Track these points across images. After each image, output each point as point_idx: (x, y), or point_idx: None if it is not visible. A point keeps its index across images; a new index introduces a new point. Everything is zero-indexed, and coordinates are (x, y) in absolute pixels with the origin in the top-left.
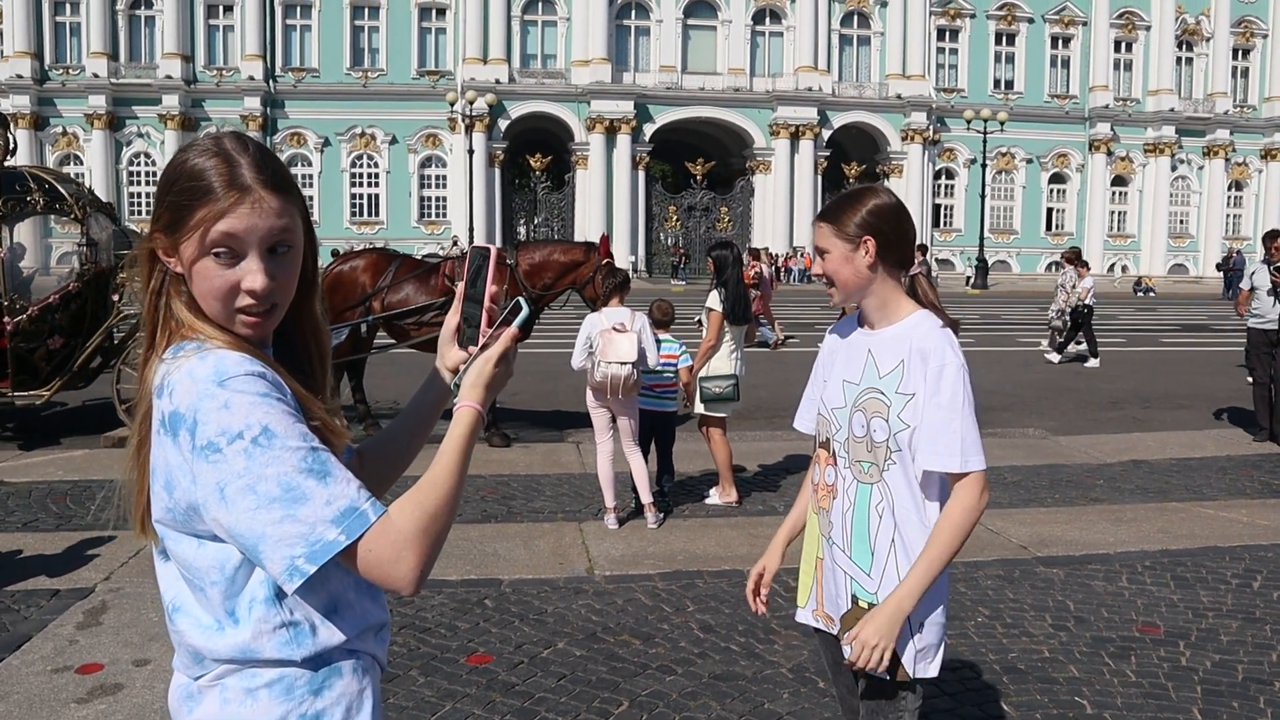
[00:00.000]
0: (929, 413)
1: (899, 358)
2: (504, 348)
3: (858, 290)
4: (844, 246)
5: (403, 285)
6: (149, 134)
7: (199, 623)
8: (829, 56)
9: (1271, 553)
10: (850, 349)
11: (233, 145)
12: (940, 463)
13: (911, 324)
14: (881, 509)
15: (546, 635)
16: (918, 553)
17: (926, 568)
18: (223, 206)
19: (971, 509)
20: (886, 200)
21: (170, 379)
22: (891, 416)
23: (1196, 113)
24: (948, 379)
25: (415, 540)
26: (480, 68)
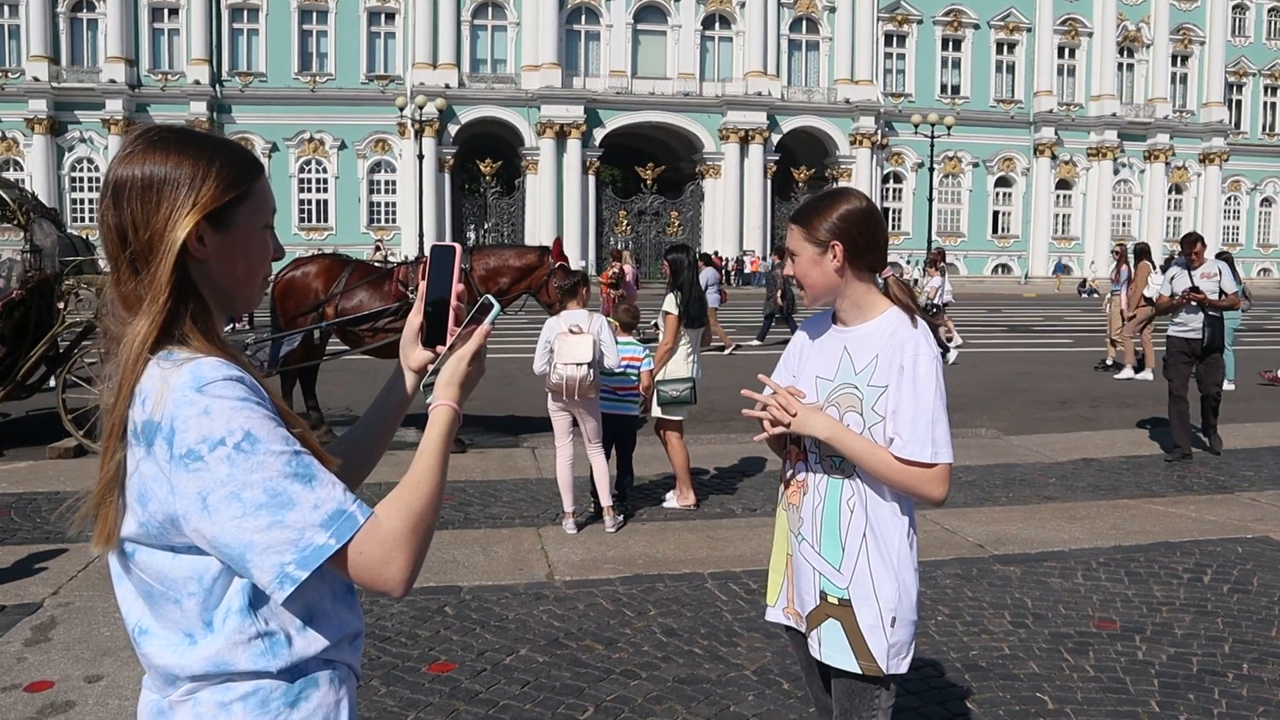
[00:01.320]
0: (903, 402)
1: (874, 352)
2: (477, 345)
3: (826, 292)
4: (812, 250)
5: (356, 291)
6: (92, 139)
7: (168, 641)
8: (778, 61)
9: (1220, 547)
10: (823, 345)
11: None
12: (911, 451)
13: (887, 319)
14: (853, 503)
15: (508, 642)
16: (890, 547)
17: (864, 448)
18: (265, 180)
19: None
20: (857, 205)
21: (144, 386)
22: (865, 410)
23: (1137, 117)
24: (922, 370)
25: (404, 540)
26: (430, 72)
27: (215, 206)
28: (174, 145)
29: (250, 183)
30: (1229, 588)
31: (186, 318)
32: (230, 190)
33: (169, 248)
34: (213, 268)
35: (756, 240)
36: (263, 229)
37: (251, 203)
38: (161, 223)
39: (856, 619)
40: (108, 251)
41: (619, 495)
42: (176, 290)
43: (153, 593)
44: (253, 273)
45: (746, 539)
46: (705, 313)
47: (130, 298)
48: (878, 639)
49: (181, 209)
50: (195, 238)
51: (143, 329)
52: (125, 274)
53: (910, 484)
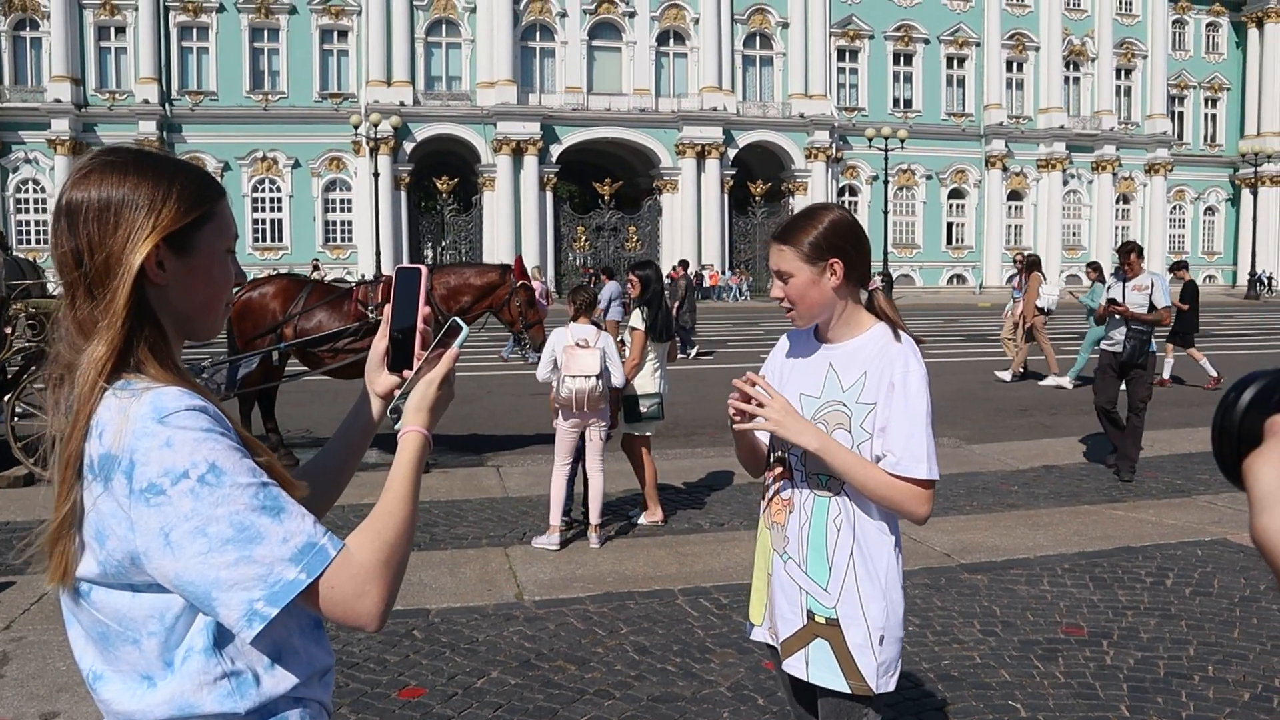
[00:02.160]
0: (894, 419)
1: (862, 369)
2: (446, 369)
3: (822, 312)
4: (810, 270)
5: (315, 312)
6: (37, 159)
7: (126, 686)
8: (733, 77)
9: (1180, 550)
10: (807, 362)
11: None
12: (905, 468)
13: (874, 335)
14: (840, 522)
15: (479, 665)
16: (878, 566)
17: (853, 462)
18: (227, 202)
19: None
20: (844, 217)
21: (100, 418)
22: (854, 427)
23: (1085, 129)
24: (913, 386)
25: (378, 573)
26: (384, 90)
27: (175, 229)
28: (131, 166)
29: (211, 205)
30: (1191, 590)
31: (143, 345)
32: (191, 212)
33: (126, 271)
34: (172, 293)
35: (715, 254)
36: (224, 253)
37: (213, 226)
38: (119, 245)
39: (845, 638)
40: (62, 276)
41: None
42: (134, 316)
43: (108, 634)
44: (214, 299)
45: (716, 554)
46: (672, 327)
47: (86, 323)
48: (867, 658)
49: (140, 232)
50: (154, 262)
51: (100, 355)
52: (81, 299)
53: (899, 500)
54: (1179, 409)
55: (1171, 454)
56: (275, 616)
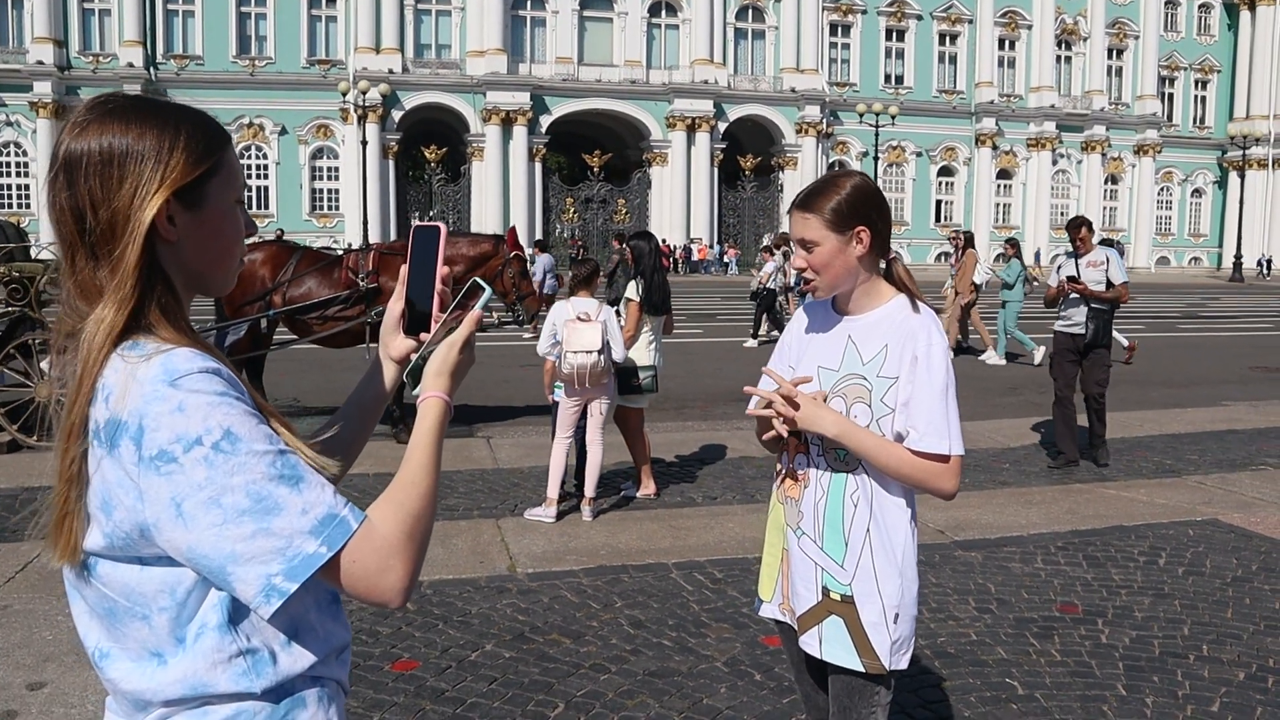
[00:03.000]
0: (919, 394)
1: (882, 342)
2: (468, 332)
3: (846, 282)
4: (837, 239)
5: (304, 279)
6: (19, 122)
7: (135, 664)
8: (724, 50)
9: (1172, 530)
10: (825, 335)
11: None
12: (929, 444)
13: (894, 307)
14: (857, 498)
15: (473, 637)
16: (894, 543)
17: (875, 444)
18: (234, 150)
19: (936, 478)
20: (869, 183)
21: (107, 381)
22: (874, 401)
23: (1075, 109)
24: (936, 360)
25: (402, 546)
26: (373, 57)
27: (185, 182)
28: (133, 114)
29: (220, 154)
30: (1184, 570)
31: (154, 305)
32: (200, 163)
33: (136, 229)
34: (184, 249)
35: (704, 228)
36: (234, 205)
37: (222, 176)
38: (125, 201)
39: (859, 616)
40: (60, 236)
41: (577, 485)
42: (144, 276)
43: (116, 609)
44: (227, 253)
45: (709, 528)
46: (668, 300)
47: (89, 287)
48: (881, 636)
49: (148, 185)
50: (165, 218)
51: (108, 317)
52: (83, 261)
53: (924, 479)
54: (1168, 389)
55: (1161, 434)
56: (294, 592)
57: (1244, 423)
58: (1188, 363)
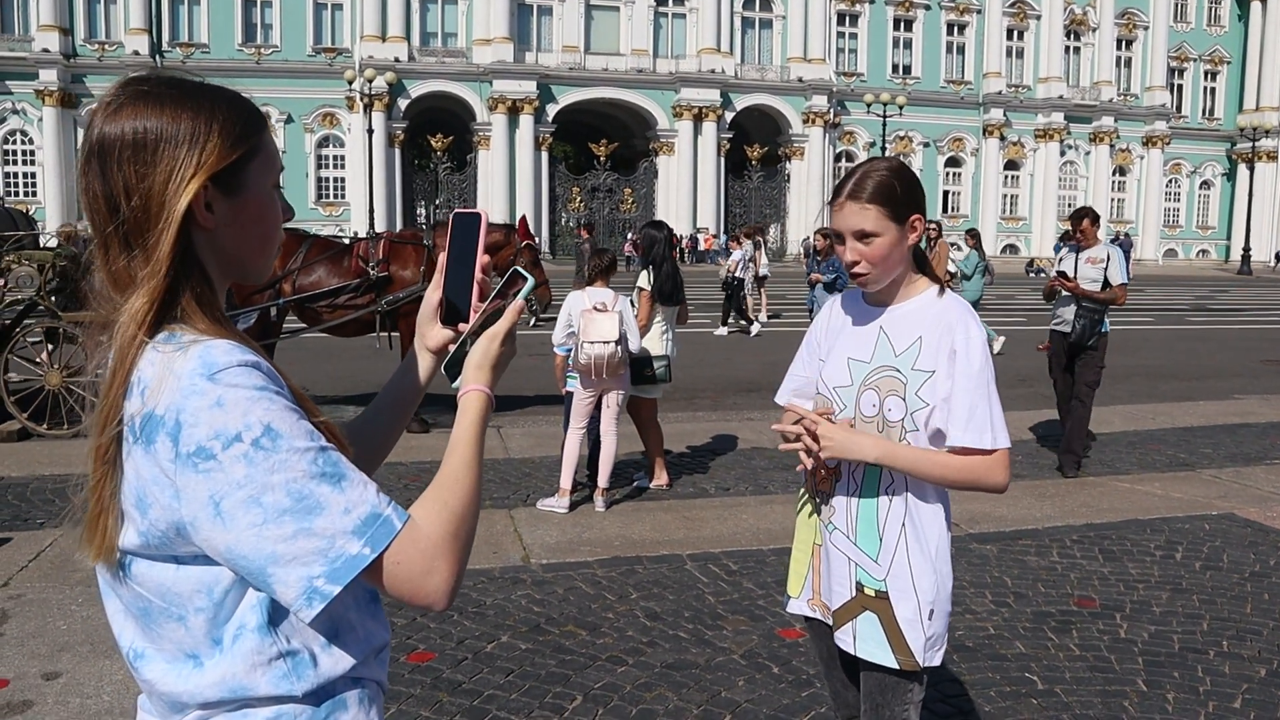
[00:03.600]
0: (958, 389)
1: (916, 333)
2: (511, 322)
3: (895, 272)
4: (896, 229)
5: (314, 267)
6: (25, 110)
7: (171, 666)
8: (731, 39)
9: (1188, 524)
10: (856, 327)
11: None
12: (972, 439)
13: (928, 298)
14: (892, 491)
15: (488, 629)
16: (929, 538)
17: (918, 457)
18: (271, 133)
19: (985, 474)
20: (908, 171)
21: (142, 374)
22: (909, 394)
23: (1084, 100)
24: (975, 353)
25: (446, 546)
26: (379, 45)
27: (223, 166)
28: (168, 96)
29: (258, 136)
30: (1201, 564)
31: (188, 295)
32: (238, 146)
33: (171, 217)
34: (222, 236)
35: (710, 218)
36: (272, 189)
37: (261, 159)
38: (160, 187)
39: (894, 612)
40: (94, 224)
41: (589, 475)
42: (179, 264)
43: (151, 609)
44: (267, 239)
45: (723, 519)
46: (680, 290)
47: (121, 277)
48: (915, 633)
49: (185, 170)
50: (203, 204)
51: (140, 308)
52: (115, 250)
53: (973, 479)
54: (1179, 383)
55: (1174, 427)
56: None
57: (1257, 416)
58: (1198, 356)
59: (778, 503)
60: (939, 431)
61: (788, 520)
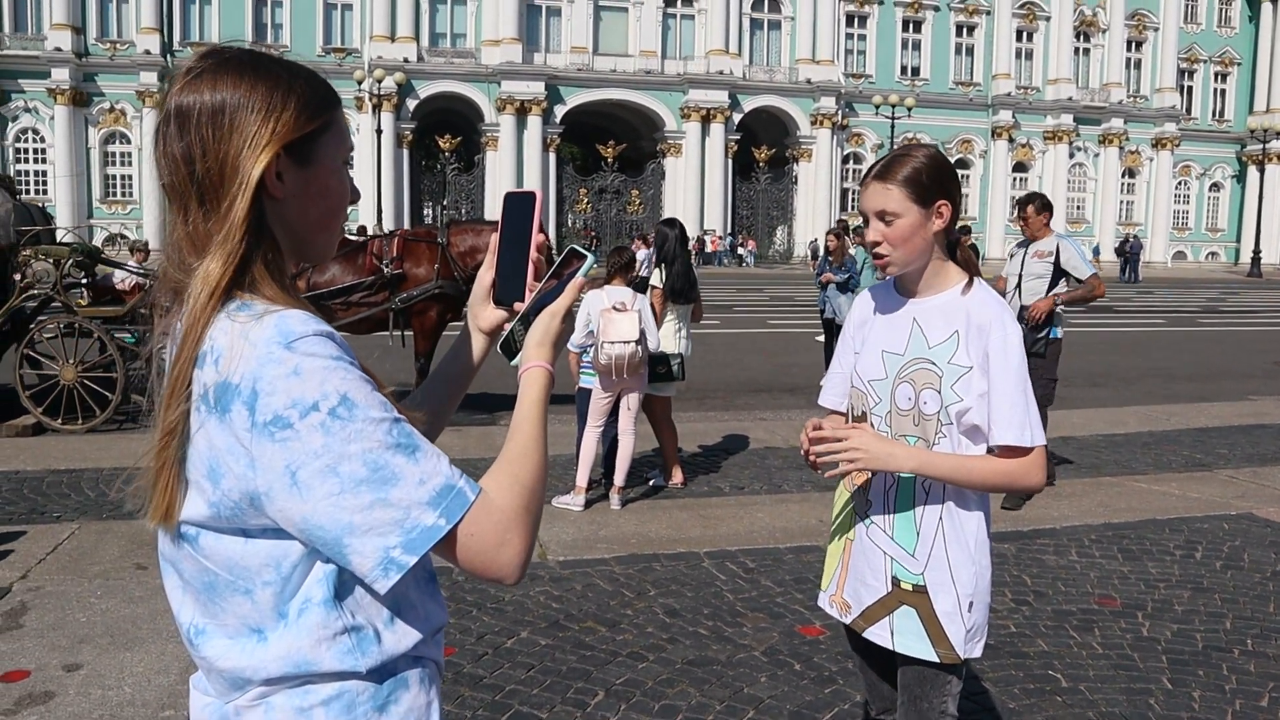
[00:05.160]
0: (995, 388)
1: (952, 328)
2: (571, 300)
3: (919, 260)
4: (919, 212)
5: (329, 265)
6: (37, 109)
7: (232, 641)
8: (740, 40)
9: (1207, 524)
10: (889, 318)
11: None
12: (1012, 437)
13: (959, 291)
14: (929, 486)
15: (508, 624)
16: (967, 531)
17: (955, 465)
18: (343, 112)
19: (1022, 475)
20: (945, 158)
21: (215, 342)
22: (944, 388)
23: (1093, 102)
24: (1013, 350)
25: (519, 519)
26: (388, 46)
27: (295, 137)
28: (247, 67)
29: (332, 112)
30: (1221, 564)
31: (260, 263)
32: (312, 120)
33: (246, 181)
34: (289, 208)
35: (718, 219)
36: (342, 165)
37: (333, 134)
38: (235, 152)
39: (933, 606)
40: (171, 186)
41: (604, 473)
42: (252, 231)
43: (216, 583)
44: (332, 215)
45: (739, 518)
46: (694, 288)
47: (200, 237)
48: (955, 626)
49: (260, 138)
50: (274, 173)
51: (215, 272)
52: (194, 209)
53: (1010, 481)
54: (1193, 384)
55: (1189, 428)
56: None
57: (1272, 417)
58: (1211, 357)
59: (793, 501)
60: (975, 427)
61: (804, 519)
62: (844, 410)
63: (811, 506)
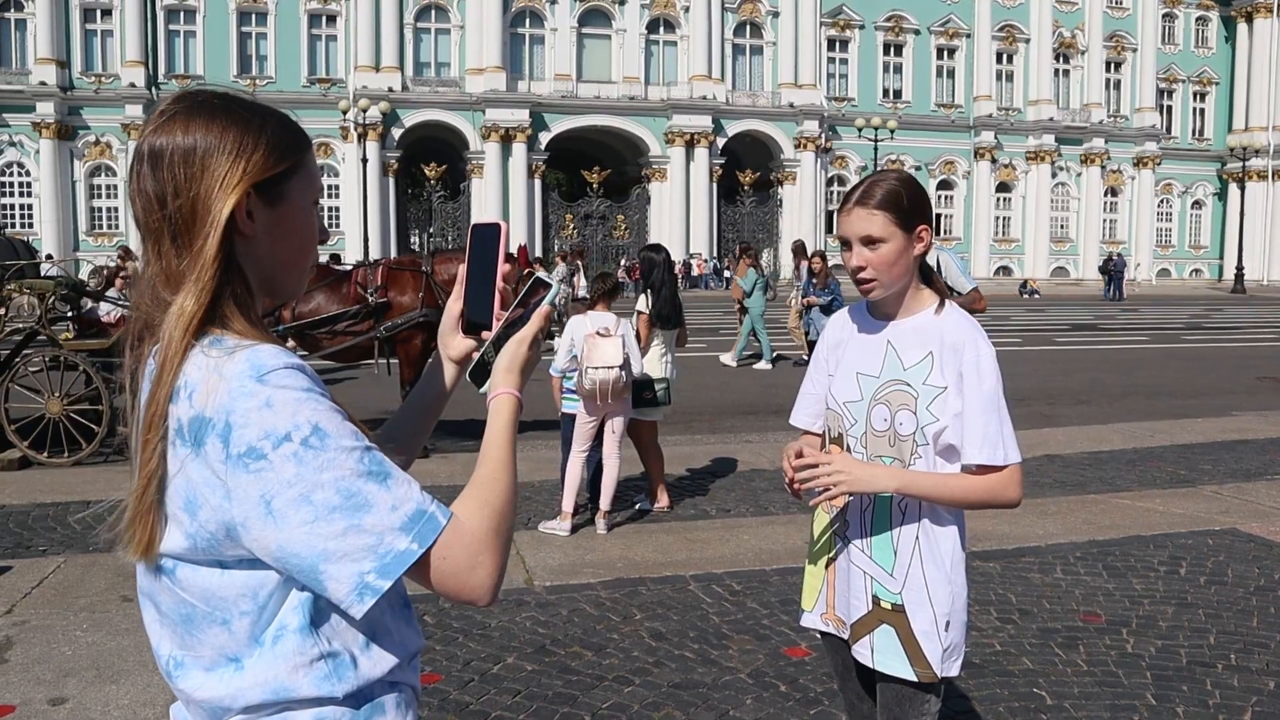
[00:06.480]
0: (972, 407)
1: (926, 349)
2: (539, 327)
3: (900, 282)
4: (902, 237)
5: (313, 294)
6: (22, 143)
7: (209, 673)
8: (723, 65)
9: (1191, 539)
10: (863, 340)
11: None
12: (986, 456)
13: (936, 314)
14: (905, 505)
15: (494, 650)
16: (943, 550)
17: (935, 483)
18: (314, 154)
19: (1001, 491)
20: (916, 181)
21: (189, 377)
22: (920, 409)
23: (1074, 122)
24: (986, 370)
25: (489, 542)
26: (372, 75)
27: (265, 177)
28: (219, 111)
29: (301, 154)
30: (1205, 579)
31: (230, 300)
32: (282, 161)
33: (216, 220)
34: (260, 246)
35: (703, 243)
36: (311, 206)
37: (302, 176)
38: (206, 192)
39: (910, 625)
40: (145, 224)
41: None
42: (222, 269)
43: (194, 615)
44: (301, 254)
45: (725, 540)
46: (679, 313)
47: (174, 275)
48: (932, 644)
49: (231, 177)
50: (244, 211)
51: (189, 308)
52: (168, 246)
53: (988, 497)
54: (1176, 400)
55: (1173, 444)
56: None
57: (1255, 432)
58: (1195, 373)
59: (778, 523)
60: (950, 447)
61: (789, 540)
62: (818, 431)
63: (798, 528)
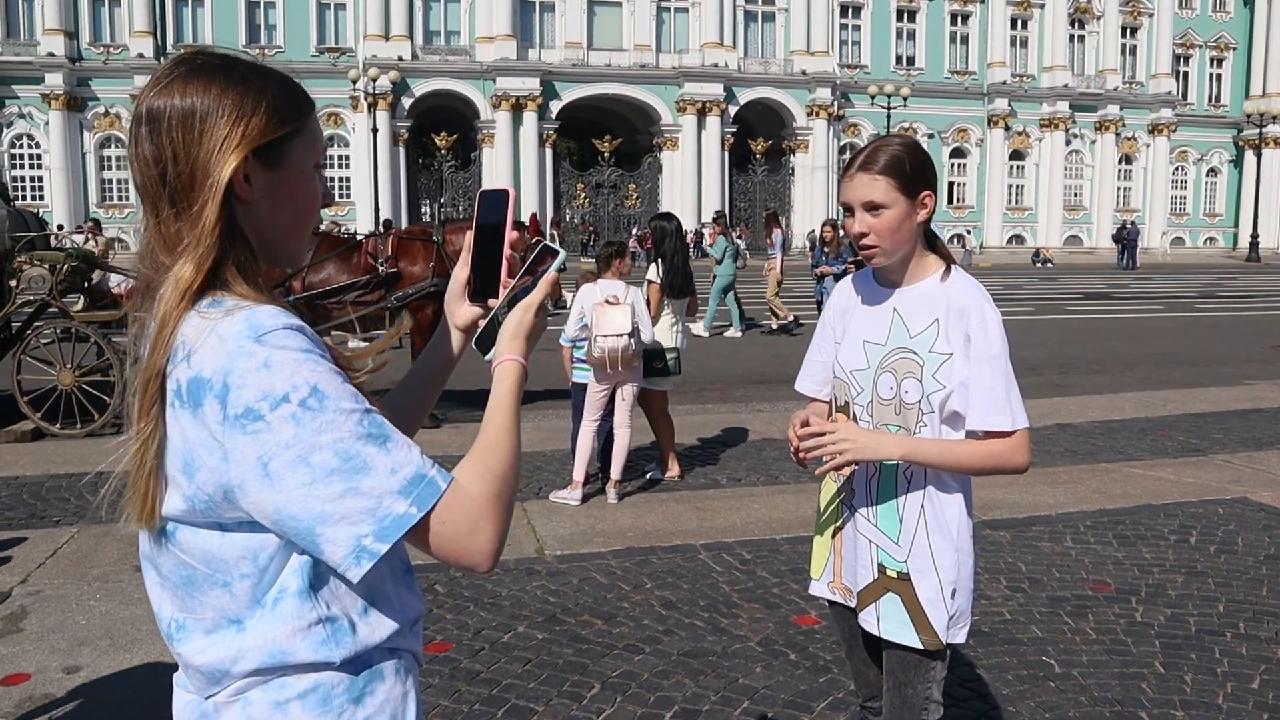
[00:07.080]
0: (978, 370)
1: (932, 316)
2: (544, 294)
3: (903, 248)
4: (905, 203)
5: (323, 264)
6: (31, 114)
7: (209, 635)
8: (734, 33)
9: (1201, 508)
10: (869, 308)
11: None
12: (993, 421)
13: (938, 279)
14: (910, 473)
15: (505, 619)
16: (949, 518)
17: (941, 450)
18: (316, 116)
19: (1008, 456)
20: (920, 147)
21: (186, 338)
22: (925, 377)
23: (1088, 89)
24: (993, 334)
25: (490, 507)
26: (382, 44)
27: (265, 141)
28: (218, 72)
29: (303, 117)
30: (1215, 548)
31: (231, 264)
32: (283, 124)
33: (215, 185)
34: (260, 210)
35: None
36: (313, 169)
37: (304, 139)
38: (205, 156)
39: (916, 592)
40: (143, 187)
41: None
42: (223, 234)
43: (195, 577)
44: (302, 218)
45: (735, 510)
46: (690, 282)
47: (171, 237)
48: (938, 611)
49: (229, 141)
50: (242, 176)
51: (187, 273)
52: (166, 209)
53: (995, 463)
54: (1190, 369)
55: (1185, 413)
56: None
57: (1268, 401)
58: (1208, 342)
59: (789, 492)
60: (955, 414)
61: (800, 509)
62: (823, 398)
63: (808, 497)
